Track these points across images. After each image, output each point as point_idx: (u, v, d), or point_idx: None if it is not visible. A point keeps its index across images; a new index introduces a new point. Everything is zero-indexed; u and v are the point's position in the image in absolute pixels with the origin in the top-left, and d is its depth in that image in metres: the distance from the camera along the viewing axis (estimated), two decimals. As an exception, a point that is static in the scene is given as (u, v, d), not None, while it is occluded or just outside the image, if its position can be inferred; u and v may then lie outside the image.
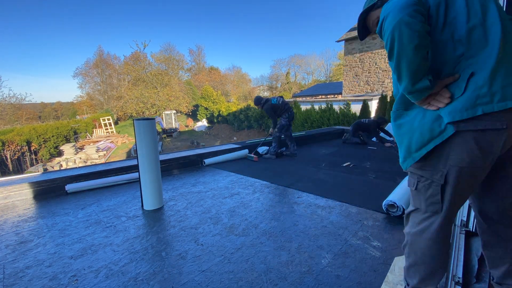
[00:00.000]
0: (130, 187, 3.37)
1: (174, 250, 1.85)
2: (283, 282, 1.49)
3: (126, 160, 4.34)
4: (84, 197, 3.04)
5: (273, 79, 44.76)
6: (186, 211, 2.54)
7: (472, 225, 1.65)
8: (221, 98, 28.82)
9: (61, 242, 2.01)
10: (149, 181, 2.60)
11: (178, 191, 3.16)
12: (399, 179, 3.31)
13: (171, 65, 34.86)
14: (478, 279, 1.37)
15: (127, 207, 2.68)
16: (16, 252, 1.89)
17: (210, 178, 3.69)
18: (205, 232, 2.10)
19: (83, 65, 39.32)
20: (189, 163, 4.36)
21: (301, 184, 3.26)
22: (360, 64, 15.65)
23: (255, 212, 2.47)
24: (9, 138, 16.30)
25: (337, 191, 2.98)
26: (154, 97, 28.50)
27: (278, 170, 4.02)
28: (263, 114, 18.56)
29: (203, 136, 23.99)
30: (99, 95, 38.53)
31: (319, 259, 1.69)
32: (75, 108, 38.48)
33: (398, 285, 1.35)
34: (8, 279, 1.59)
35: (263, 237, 2.00)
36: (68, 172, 3.54)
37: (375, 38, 14.56)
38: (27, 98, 31.28)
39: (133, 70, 30.34)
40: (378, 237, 1.94)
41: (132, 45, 69.98)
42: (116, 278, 1.57)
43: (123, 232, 2.15)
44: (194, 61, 43.54)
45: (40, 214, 2.57)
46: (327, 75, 43.89)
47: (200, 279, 1.54)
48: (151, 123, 2.60)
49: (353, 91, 16.31)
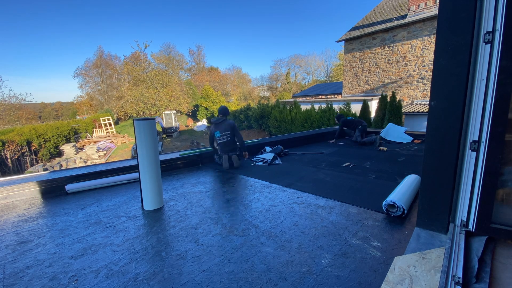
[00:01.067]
0: (130, 187, 3.37)
1: (174, 250, 1.85)
2: (283, 282, 1.49)
3: (126, 160, 4.34)
4: (84, 197, 3.04)
5: (273, 79, 44.80)
6: (186, 211, 2.54)
7: (472, 225, 1.65)
8: (221, 98, 28.85)
9: (61, 242, 2.01)
10: (149, 181, 2.60)
11: (178, 191, 3.16)
12: (399, 179, 3.31)
13: (171, 65, 34.87)
14: (478, 279, 1.37)
15: (127, 207, 2.68)
16: (16, 252, 1.89)
17: (210, 178, 3.69)
18: (205, 232, 2.10)
19: (83, 65, 39.49)
20: (189, 163, 4.36)
21: (301, 184, 3.25)
22: (360, 64, 15.65)
23: (255, 212, 2.47)
24: (9, 138, 16.30)
25: (337, 191, 2.97)
26: (154, 97, 28.50)
27: (278, 170, 4.02)
28: (263, 114, 18.56)
29: (203, 136, 23.97)
30: (99, 95, 38.55)
31: (319, 259, 1.69)
32: (75, 108, 38.52)
33: (398, 284, 1.35)
34: (8, 279, 1.59)
35: (263, 237, 2.00)
36: (68, 172, 3.54)
37: (375, 38, 14.57)
38: (27, 98, 31.41)
39: (133, 70, 30.34)
40: (378, 237, 1.94)
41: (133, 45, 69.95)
42: (116, 278, 1.57)
43: (123, 232, 2.15)
44: (194, 61, 43.64)
45: (40, 214, 2.57)
46: (327, 75, 43.90)
47: (200, 279, 1.54)
48: (151, 123, 2.60)
49: (353, 91, 16.31)
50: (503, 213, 1.55)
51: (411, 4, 12.96)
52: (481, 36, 1.48)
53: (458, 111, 1.57)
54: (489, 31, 1.45)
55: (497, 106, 1.44)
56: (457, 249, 1.52)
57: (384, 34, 14.10)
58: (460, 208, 1.69)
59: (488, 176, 1.52)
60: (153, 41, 62.32)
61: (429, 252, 1.55)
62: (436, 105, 1.65)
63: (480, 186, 1.56)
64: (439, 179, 1.70)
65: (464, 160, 1.63)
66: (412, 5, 12.91)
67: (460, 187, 1.67)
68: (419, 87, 13.09)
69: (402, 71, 13.57)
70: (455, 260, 1.43)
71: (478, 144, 1.55)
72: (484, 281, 1.35)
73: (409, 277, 1.38)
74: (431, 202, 1.76)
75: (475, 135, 1.55)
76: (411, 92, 13.39)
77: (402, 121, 10.10)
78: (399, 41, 13.46)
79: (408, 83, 13.42)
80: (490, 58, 1.45)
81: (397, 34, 13.52)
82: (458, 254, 1.49)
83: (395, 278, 1.41)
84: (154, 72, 30.23)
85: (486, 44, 1.47)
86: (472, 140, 1.57)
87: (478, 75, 1.51)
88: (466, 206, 1.66)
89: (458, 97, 1.56)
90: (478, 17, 1.48)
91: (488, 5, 1.44)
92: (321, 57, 49.96)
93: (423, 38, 12.51)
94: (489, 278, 1.34)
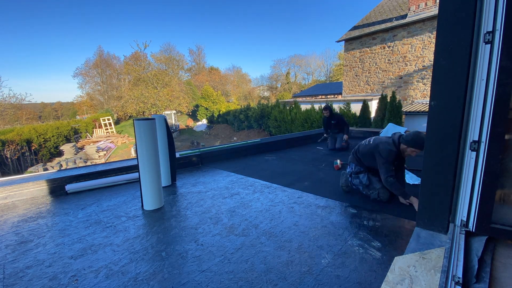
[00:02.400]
0: (130, 187, 3.37)
1: (174, 250, 1.85)
2: (283, 282, 1.49)
3: (126, 160, 4.34)
4: (84, 197, 3.04)
5: (273, 79, 44.79)
6: (186, 211, 2.54)
7: (472, 225, 1.65)
8: (221, 98, 28.83)
9: (61, 242, 2.01)
10: (149, 181, 2.61)
11: (178, 191, 3.16)
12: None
13: (171, 65, 34.87)
14: (478, 279, 1.37)
15: (127, 207, 2.68)
16: (16, 252, 1.89)
17: (210, 178, 3.69)
18: (205, 232, 2.10)
19: (83, 65, 39.42)
20: (189, 163, 4.36)
21: (301, 184, 3.25)
22: (360, 64, 15.65)
23: (255, 212, 2.47)
24: (9, 138, 16.29)
25: (337, 191, 2.97)
26: (154, 97, 28.50)
27: (278, 170, 4.02)
28: (263, 114, 18.56)
29: (203, 136, 23.98)
30: (99, 95, 38.54)
31: (319, 259, 1.69)
32: (75, 108, 38.51)
33: (398, 285, 1.35)
34: (8, 279, 1.59)
35: (263, 237, 2.00)
36: (68, 172, 3.54)
37: (375, 38, 14.57)
38: (27, 98, 31.37)
39: (133, 70, 30.34)
40: (378, 237, 1.94)
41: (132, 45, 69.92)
42: (116, 278, 1.57)
43: (123, 232, 2.15)
44: (194, 61, 43.63)
45: (40, 214, 2.57)
46: (327, 75, 43.89)
47: (200, 279, 1.54)
48: (151, 123, 2.60)
49: (353, 91, 16.31)
50: (503, 213, 1.55)
51: (411, 4, 12.96)
52: (481, 36, 1.48)
53: (458, 111, 1.57)
54: (489, 31, 1.45)
55: (497, 106, 1.44)
56: (457, 249, 1.52)
57: (384, 34, 14.10)
58: (460, 208, 1.69)
59: (488, 176, 1.52)
60: (153, 41, 62.36)
61: (429, 252, 1.55)
62: (436, 105, 1.65)
63: (480, 186, 1.56)
64: (439, 179, 1.70)
65: (464, 160, 1.63)
66: (412, 5, 12.91)
67: (460, 187, 1.67)
68: (419, 87, 13.10)
69: (402, 71, 13.58)
70: (455, 260, 1.43)
71: (478, 144, 1.55)
72: (484, 281, 1.35)
73: (409, 277, 1.38)
74: (431, 202, 1.76)
75: (475, 135, 1.55)
76: (411, 92, 13.40)
77: (402, 121, 10.10)
78: (399, 41, 13.47)
79: (408, 83, 13.43)
80: (490, 58, 1.45)
81: (397, 34, 13.52)
82: (458, 254, 1.49)
83: (395, 278, 1.41)
84: (154, 72, 30.22)
85: (486, 44, 1.47)
86: (472, 140, 1.57)
87: (478, 75, 1.51)
88: (466, 206, 1.66)
89: (458, 97, 1.56)
90: (478, 17, 1.48)
91: (488, 5, 1.44)
92: (321, 57, 50.00)
93: (423, 38, 12.51)
94: (489, 278, 1.34)
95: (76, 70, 44.46)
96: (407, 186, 2.96)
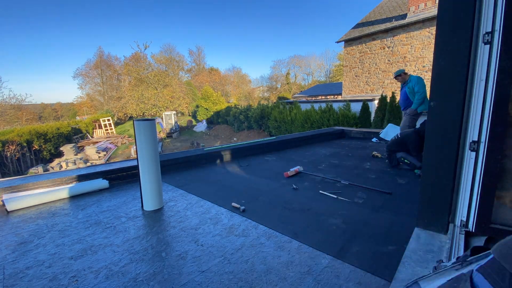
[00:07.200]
0: (130, 187, 3.38)
1: (174, 251, 1.85)
2: (283, 282, 1.49)
3: (126, 161, 4.34)
4: (84, 197, 3.03)
5: (273, 79, 44.77)
6: (186, 212, 2.54)
7: (472, 225, 1.65)
8: (221, 99, 28.83)
9: (61, 243, 2.01)
10: (149, 181, 2.61)
11: (178, 191, 3.16)
12: (400, 179, 3.32)
13: (171, 66, 34.89)
14: (478, 279, 1.36)
15: (127, 208, 2.68)
16: (16, 253, 1.89)
17: (210, 178, 3.69)
18: (205, 233, 2.10)
19: (83, 65, 39.33)
20: (189, 163, 4.36)
21: (301, 184, 3.26)
22: (360, 64, 15.66)
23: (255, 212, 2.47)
24: (9, 139, 16.29)
25: (337, 191, 2.97)
26: (155, 98, 28.52)
27: (278, 170, 4.02)
28: (263, 115, 18.56)
29: (203, 137, 23.97)
30: (99, 96, 38.55)
31: (319, 259, 1.69)
32: (75, 109, 38.50)
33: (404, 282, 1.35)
34: (8, 280, 1.59)
35: (263, 237, 2.00)
36: (68, 173, 3.54)
37: (375, 39, 14.58)
38: (27, 99, 31.31)
39: (134, 71, 30.36)
40: (378, 237, 1.94)
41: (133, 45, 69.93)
42: (116, 279, 1.57)
43: (123, 232, 2.15)
44: (194, 62, 43.66)
45: (40, 214, 2.57)
46: (327, 76, 43.91)
47: (200, 279, 1.54)
48: (151, 124, 2.61)
49: (353, 92, 16.32)
50: (503, 213, 1.55)
51: (411, 4, 12.97)
52: (480, 36, 1.48)
53: (457, 111, 1.58)
54: (488, 31, 1.45)
55: (496, 106, 1.44)
56: (457, 249, 1.53)
57: (384, 35, 14.11)
58: (460, 208, 1.69)
59: (488, 176, 1.52)
60: (153, 42, 62.48)
61: (429, 252, 1.55)
62: (436, 105, 1.65)
63: (480, 186, 1.56)
64: (439, 179, 1.70)
65: (464, 160, 1.63)
66: (412, 6, 12.92)
67: (459, 187, 1.67)
68: (419, 87, 13.08)
69: (402, 71, 13.56)
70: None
71: (477, 144, 1.55)
72: (484, 281, 1.35)
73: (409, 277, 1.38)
74: (431, 202, 1.76)
75: (475, 135, 1.56)
76: (411, 92, 13.38)
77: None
78: (399, 41, 13.48)
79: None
80: (489, 58, 1.46)
81: (397, 35, 13.53)
82: (458, 254, 1.49)
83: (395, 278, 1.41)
84: (154, 72, 30.25)
85: (485, 45, 1.47)
86: (472, 140, 1.57)
87: (477, 75, 1.52)
88: (465, 206, 1.66)
89: (457, 98, 1.56)
90: (477, 18, 1.48)
91: (487, 6, 1.44)
92: (321, 58, 49.98)
93: (423, 38, 12.52)
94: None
95: (76, 70, 44.36)
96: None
